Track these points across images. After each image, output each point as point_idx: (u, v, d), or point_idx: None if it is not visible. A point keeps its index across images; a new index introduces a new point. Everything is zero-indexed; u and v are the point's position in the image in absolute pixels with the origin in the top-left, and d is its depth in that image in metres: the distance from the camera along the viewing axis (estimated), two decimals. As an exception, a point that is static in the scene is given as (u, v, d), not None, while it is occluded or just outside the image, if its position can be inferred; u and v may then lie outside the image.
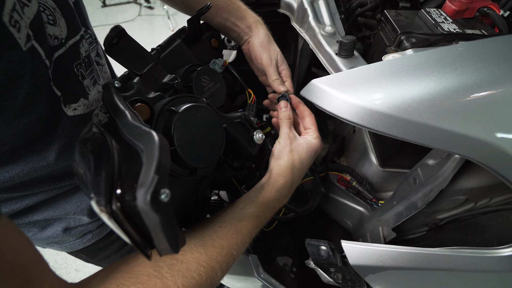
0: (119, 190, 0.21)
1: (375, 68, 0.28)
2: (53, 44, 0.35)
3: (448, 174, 0.34)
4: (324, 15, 0.53)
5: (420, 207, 0.39)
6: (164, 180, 0.20)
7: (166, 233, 0.20)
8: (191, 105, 0.35)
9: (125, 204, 0.21)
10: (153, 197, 0.19)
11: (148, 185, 0.19)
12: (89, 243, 0.54)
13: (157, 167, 0.20)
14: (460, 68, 0.25)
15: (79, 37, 0.39)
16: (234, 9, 0.52)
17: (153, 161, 0.20)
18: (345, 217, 0.64)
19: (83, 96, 0.39)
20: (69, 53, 0.37)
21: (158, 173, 0.19)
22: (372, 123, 0.28)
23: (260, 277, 0.41)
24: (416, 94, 0.26)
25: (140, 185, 0.19)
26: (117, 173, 0.22)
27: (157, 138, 0.21)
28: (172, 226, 0.20)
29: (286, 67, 0.51)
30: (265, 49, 0.50)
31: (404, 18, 0.60)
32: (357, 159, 0.69)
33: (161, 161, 0.20)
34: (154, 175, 0.19)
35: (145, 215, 0.19)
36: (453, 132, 0.26)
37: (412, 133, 0.27)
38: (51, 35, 0.35)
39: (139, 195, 0.19)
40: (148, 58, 0.39)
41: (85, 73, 0.40)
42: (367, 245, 0.35)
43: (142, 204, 0.19)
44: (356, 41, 0.42)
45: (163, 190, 0.19)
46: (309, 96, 0.32)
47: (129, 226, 0.21)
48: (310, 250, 0.40)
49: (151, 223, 0.19)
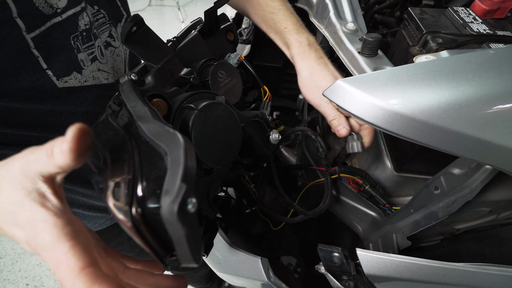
0: (140, 193, 0.19)
1: (408, 70, 0.26)
2: (48, 12, 0.34)
3: (476, 185, 0.32)
4: (346, 11, 0.50)
5: (441, 217, 0.37)
6: (191, 189, 0.18)
7: (191, 246, 0.18)
8: (210, 102, 0.34)
9: (146, 211, 0.19)
10: (181, 207, 0.17)
11: (175, 194, 0.17)
12: (101, 228, 0.54)
13: (184, 174, 0.18)
14: (507, 73, 0.23)
15: (79, 9, 0.38)
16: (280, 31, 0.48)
17: (179, 167, 0.18)
18: (355, 221, 0.62)
19: (76, 70, 0.38)
20: (65, 24, 0.37)
21: (185, 181, 0.18)
22: (402, 129, 0.26)
23: (270, 281, 0.40)
24: (454, 100, 0.24)
25: (165, 192, 0.18)
26: (139, 175, 0.20)
27: (183, 140, 0.20)
28: (197, 238, 0.19)
29: None
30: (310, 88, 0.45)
31: (429, 17, 0.57)
32: (370, 162, 0.67)
33: (187, 167, 0.18)
34: (182, 183, 0.17)
35: (171, 226, 0.18)
36: (492, 143, 0.24)
37: (446, 142, 0.25)
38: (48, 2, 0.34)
39: (164, 203, 0.17)
40: (165, 50, 0.37)
41: (81, 47, 0.39)
42: (383, 255, 0.34)
43: (167, 215, 0.17)
44: (381, 39, 0.39)
45: (190, 200, 0.18)
46: (333, 97, 0.30)
47: (148, 233, 0.20)
48: (322, 256, 0.38)
49: (176, 235, 0.18)
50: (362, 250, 0.36)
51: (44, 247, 0.20)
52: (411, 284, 0.35)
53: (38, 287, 1.34)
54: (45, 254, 0.20)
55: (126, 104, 0.26)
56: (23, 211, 0.21)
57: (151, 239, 0.20)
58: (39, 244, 0.20)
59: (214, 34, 0.51)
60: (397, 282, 0.35)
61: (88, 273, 0.19)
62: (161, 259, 0.20)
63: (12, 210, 0.22)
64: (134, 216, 0.19)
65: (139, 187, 0.20)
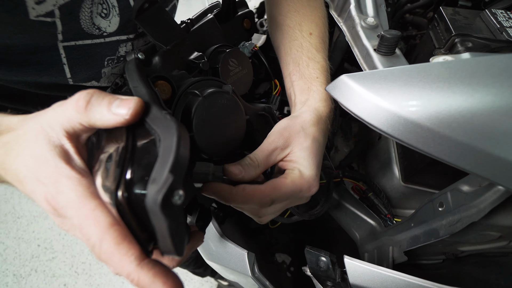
0: (128, 176, 0.19)
1: (419, 70, 0.24)
2: (91, 32, 0.35)
3: (485, 206, 0.29)
4: (368, 5, 0.47)
5: (441, 236, 0.35)
6: (179, 180, 0.17)
7: (173, 238, 0.18)
8: (215, 90, 0.32)
9: (132, 196, 0.19)
10: (165, 198, 0.16)
11: (162, 184, 0.17)
12: None
13: (173, 164, 0.17)
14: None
15: (125, 38, 0.38)
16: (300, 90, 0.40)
17: (169, 156, 0.17)
18: (354, 228, 0.60)
19: (96, 79, 0.39)
20: (106, 46, 0.37)
21: (173, 171, 0.17)
22: (403, 134, 0.24)
23: (254, 276, 0.39)
24: (467, 107, 0.21)
25: (152, 181, 0.17)
26: (129, 158, 0.20)
27: (177, 129, 0.19)
28: (181, 230, 0.18)
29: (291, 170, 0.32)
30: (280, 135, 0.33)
31: (462, 18, 0.52)
32: (378, 169, 0.64)
33: (178, 158, 0.18)
34: (169, 174, 0.17)
35: (154, 216, 0.17)
36: (509, 161, 0.21)
37: (452, 154, 0.23)
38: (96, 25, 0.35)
39: (149, 192, 0.17)
40: (177, 32, 0.36)
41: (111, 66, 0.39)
42: (372, 267, 0.32)
43: (152, 204, 0.17)
44: (400, 37, 0.36)
45: (177, 192, 0.17)
46: (335, 94, 0.28)
47: (132, 219, 0.19)
48: (309, 258, 0.37)
49: (159, 226, 0.17)
50: (350, 258, 0.34)
51: (68, 203, 0.19)
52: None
53: (48, 248, 1.43)
54: (68, 211, 0.19)
55: (129, 83, 0.26)
56: (46, 166, 0.20)
57: (134, 225, 0.19)
58: (62, 201, 0.20)
59: (230, 19, 0.50)
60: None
61: (117, 230, 0.18)
62: (143, 246, 0.20)
63: (34, 165, 0.21)
64: (119, 199, 0.19)
65: (129, 170, 0.19)
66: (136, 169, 0.19)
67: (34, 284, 1.34)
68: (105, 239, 0.18)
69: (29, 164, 0.21)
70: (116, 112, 0.20)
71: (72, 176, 0.20)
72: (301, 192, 0.31)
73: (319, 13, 0.44)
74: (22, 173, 0.21)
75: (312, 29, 0.42)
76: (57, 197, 0.20)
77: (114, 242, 0.18)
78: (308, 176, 0.31)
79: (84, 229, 0.19)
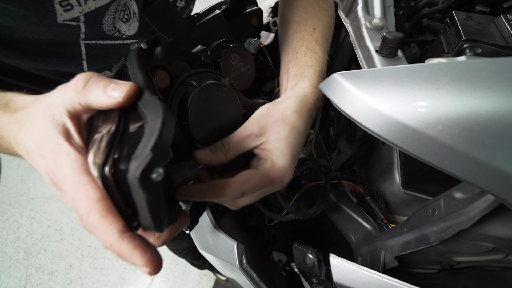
0: (116, 155, 0.20)
1: (409, 70, 0.23)
2: (111, 34, 0.38)
3: (474, 214, 0.28)
4: (375, 6, 0.47)
5: (431, 242, 0.34)
6: (159, 159, 0.18)
7: (152, 212, 0.19)
8: (213, 82, 0.33)
9: (118, 172, 0.20)
10: (144, 174, 0.18)
11: (141, 160, 0.18)
12: None
13: (155, 144, 0.18)
14: (520, 87, 0.19)
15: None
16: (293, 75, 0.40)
17: (152, 136, 0.19)
18: (350, 231, 0.59)
19: (108, 70, 0.42)
20: (123, 47, 0.40)
21: (154, 150, 0.18)
22: (389, 133, 0.24)
23: (242, 267, 0.40)
24: (453, 110, 0.21)
25: (134, 157, 0.19)
26: (119, 138, 0.21)
27: (163, 112, 0.20)
28: (160, 207, 0.19)
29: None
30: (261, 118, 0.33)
31: (475, 23, 0.51)
32: (379, 174, 0.63)
33: (161, 138, 0.19)
34: (149, 152, 0.18)
35: (133, 190, 0.18)
36: (495, 168, 0.21)
37: (437, 156, 0.22)
38: (117, 28, 0.38)
39: (131, 168, 0.18)
40: (182, 25, 0.37)
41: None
42: (357, 266, 0.32)
43: (131, 178, 0.18)
44: (402, 39, 0.36)
45: (156, 170, 0.18)
46: (326, 91, 0.28)
47: (118, 194, 0.20)
48: (296, 254, 0.37)
49: (138, 199, 0.19)
50: (335, 257, 0.34)
51: (64, 177, 0.21)
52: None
53: (57, 230, 1.50)
54: (64, 184, 0.21)
55: (129, 70, 0.27)
56: (48, 142, 0.22)
57: (120, 200, 0.21)
58: (59, 175, 0.21)
59: (238, 16, 0.50)
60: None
61: (103, 204, 0.20)
62: (128, 221, 0.21)
63: (40, 141, 0.22)
64: (105, 174, 0.20)
65: (118, 149, 0.21)
66: (123, 148, 0.21)
67: (43, 263, 1.40)
68: (92, 211, 0.19)
69: (35, 139, 0.23)
70: (111, 94, 0.22)
71: (70, 152, 0.21)
72: (273, 183, 0.30)
73: (326, 12, 0.44)
74: (29, 148, 0.23)
75: (316, 24, 0.42)
76: (56, 171, 0.21)
77: (99, 215, 0.19)
78: (280, 166, 0.30)
79: (75, 202, 0.20)
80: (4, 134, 0.25)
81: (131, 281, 1.38)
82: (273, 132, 0.31)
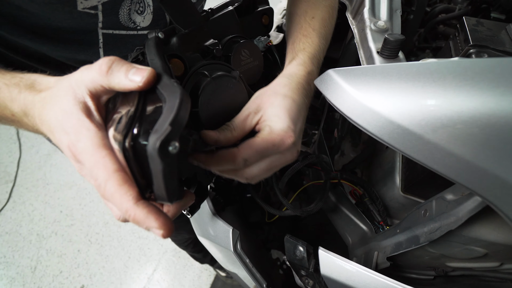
0: (135, 130, 0.23)
1: (399, 68, 0.24)
2: (127, 25, 0.41)
3: (462, 215, 0.29)
4: (382, 8, 0.47)
5: (421, 242, 0.34)
6: (176, 133, 0.21)
7: (166, 181, 0.21)
8: (224, 73, 0.36)
9: (137, 145, 0.22)
10: (162, 145, 0.20)
11: (161, 133, 0.20)
12: None
13: (173, 119, 0.21)
14: (503, 87, 0.20)
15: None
16: (287, 61, 0.42)
17: (171, 113, 0.21)
18: (347, 232, 0.60)
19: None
20: (137, 38, 0.43)
21: (172, 125, 0.20)
22: (377, 129, 0.25)
23: (236, 251, 0.41)
24: (436, 108, 0.22)
25: (154, 131, 0.21)
26: (139, 116, 0.24)
27: (180, 93, 0.22)
28: (173, 178, 0.21)
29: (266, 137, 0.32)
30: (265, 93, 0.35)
31: (485, 29, 0.50)
32: (380, 177, 0.63)
33: (178, 115, 0.21)
34: (168, 126, 0.20)
35: (151, 159, 0.20)
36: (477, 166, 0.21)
37: (421, 152, 0.23)
38: (132, 20, 0.41)
39: (150, 140, 0.20)
40: (197, 18, 0.40)
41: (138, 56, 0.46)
42: (344, 260, 0.33)
43: (151, 149, 0.20)
44: (403, 41, 0.36)
45: (173, 143, 0.20)
46: (321, 87, 0.30)
47: (135, 166, 0.23)
48: (287, 246, 0.38)
49: (154, 168, 0.21)
50: (324, 250, 0.35)
51: (84, 150, 0.23)
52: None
53: (69, 215, 1.56)
54: (84, 156, 0.23)
55: (147, 56, 0.30)
56: (71, 118, 0.24)
57: (136, 171, 0.23)
58: (80, 148, 0.23)
59: (250, 14, 0.52)
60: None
61: (121, 175, 0.21)
62: (142, 190, 0.23)
63: (62, 117, 0.24)
64: (126, 147, 0.22)
65: (136, 125, 0.23)
66: (141, 125, 0.23)
67: (53, 246, 1.47)
68: (109, 180, 0.21)
69: (58, 116, 0.25)
70: (132, 78, 0.24)
71: (91, 128, 0.23)
72: (274, 147, 0.31)
73: (326, 2, 0.46)
74: (52, 124, 0.25)
75: (315, 14, 0.43)
76: (77, 144, 0.23)
77: (117, 184, 0.21)
78: (279, 129, 0.31)
79: (94, 172, 0.22)
80: (30, 112, 0.27)
81: (134, 269, 1.42)
82: (267, 105, 0.33)
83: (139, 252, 1.47)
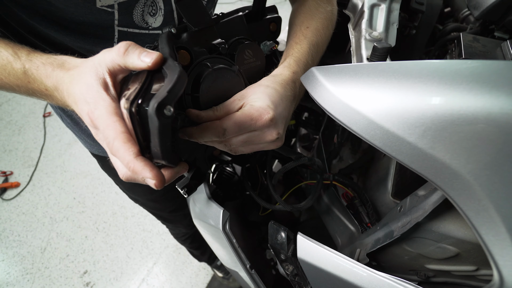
0: (140, 100, 0.28)
1: (369, 67, 0.28)
2: (140, 25, 0.46)
3: (428, 207, 0.31)
4: (379, 21, 0.51)
5: (395, 236, 0.36)
6: (171, 99, 0.25)
7: (161, 139, 0.26)
8: (224, 66, 0.41)
9: (141, 109, 0.28)
10: (159, 107, 0.25)
11: (159, 98, 0.25)
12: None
13: (170, 88, 0.26)
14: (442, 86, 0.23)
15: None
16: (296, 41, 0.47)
17: (170, 84, 0.26)
18: (337, 234, 0.61)
19: None
20: (148, 36, 0.48)
21: (169, 92, 0.25)
22: (347, 118, 0.28)
23: (224, 231, 0.45)
24: (394, 101, 0.25)
25: (154, 97, 0.26)
26: (145, 89, 0.29)
27: (179, 70, 0.27)
28: (167, 139, 0.26)
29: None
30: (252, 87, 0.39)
31: (480, 46, 0.52)
32: (374, 183, 0.64)
33: (175, 86, 0.26)
34: (166, 93, 0.25)
35: (150, 118, 0.25)
36: (422, 150, 0.24)
37: (387, 143, 0.26)
38: (145, 20, 0.47)
39: (151, 104, 0.25)
40: (207, 19, 0.45)
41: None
42: (319, 245, 0.35)
43: (150, 110, 0.25)
44: (390, 49, 0.39)
45: (168, 107, 0.25)
46: (305, 83, 0.33)
47: (139, 127, 0.28)
48: (270, 232, 0.41)
49: (152, 126, 0.26)
50: (303, 236, 0.37)
51: (100, 116, 0.28)
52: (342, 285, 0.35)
53: (81, 203, 1.65)
54: (99, 121, 0.28)
55: (159, 45, 0.35)
56: (92, 91, 0.29)
57: (139, 132, 0.28)
58: (96, 115, 0.28)
59: (258, 21, 0.57)
60: (326, 282, 0.36)
61: (126, 135, 0.27)
62: (142, 149, 0.28)
63: (85, 90, 0.29)
64: (132, 112, 0.27)
65: (142, 95, 0.28)
66: (146, 95, 0.28)
67: (63, 230, 1.55)
68: (117, 139, 0.26)
69: (82, 89, 0.30)
70: (143, 59, 0.29)
71: (106, 99, 0.29)
72: (252, 120, 0.34)
73: (322, 15, 0.50)
74: (77, 96, 0.30)
75: (310, 24, 0.48)
76: (94, 111, 0.28)
77: (122, 141, 0.26)
78: (258, 105, 0.34)
79: (106, 132, 0.27)
80: (60, 86, 0.33)
81: (135, 261, 1.47)
82: (251, 93, 0.38)
83: (142, 245, 1.52)
